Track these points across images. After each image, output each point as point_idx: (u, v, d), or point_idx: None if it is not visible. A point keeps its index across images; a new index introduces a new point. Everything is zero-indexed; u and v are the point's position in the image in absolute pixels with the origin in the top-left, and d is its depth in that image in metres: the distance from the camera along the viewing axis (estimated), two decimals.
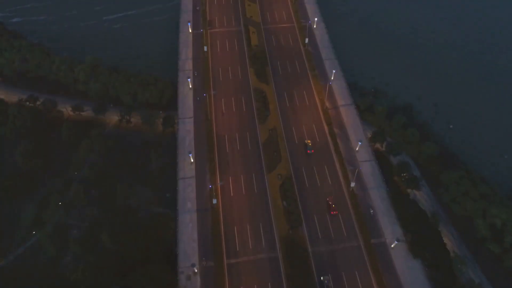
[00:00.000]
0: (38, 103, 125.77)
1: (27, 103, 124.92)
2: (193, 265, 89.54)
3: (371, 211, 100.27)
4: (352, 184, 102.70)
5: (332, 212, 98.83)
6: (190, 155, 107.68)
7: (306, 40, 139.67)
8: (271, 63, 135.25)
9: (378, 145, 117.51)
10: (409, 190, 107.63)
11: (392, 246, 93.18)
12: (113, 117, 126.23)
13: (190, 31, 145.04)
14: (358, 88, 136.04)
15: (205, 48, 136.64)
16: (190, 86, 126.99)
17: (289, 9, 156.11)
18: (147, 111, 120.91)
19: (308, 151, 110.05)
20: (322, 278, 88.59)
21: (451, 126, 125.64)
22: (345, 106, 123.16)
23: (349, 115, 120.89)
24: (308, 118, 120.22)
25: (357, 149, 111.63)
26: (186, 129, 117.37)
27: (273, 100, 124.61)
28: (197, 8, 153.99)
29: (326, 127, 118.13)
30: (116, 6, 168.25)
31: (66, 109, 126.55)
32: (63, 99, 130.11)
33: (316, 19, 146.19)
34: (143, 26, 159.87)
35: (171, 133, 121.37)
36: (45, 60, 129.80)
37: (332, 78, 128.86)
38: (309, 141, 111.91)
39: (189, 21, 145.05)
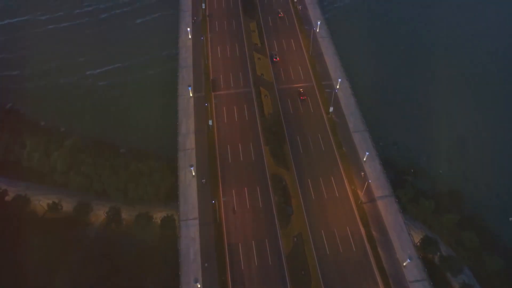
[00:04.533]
0: (7, 198, 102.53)
1: None
2: None
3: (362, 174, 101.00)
4: None
5: None
6: (198, 284, 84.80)
7: (331, 109, 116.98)
8: (289, 139, 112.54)
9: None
10: None
11: None
12: (99, 214, 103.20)
13: (191, 95, 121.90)
14: (393, 166, 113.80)
15: (210, 122, 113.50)
16: (193, 174, 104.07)
17: (306, 63, 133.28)
18: (141, 213, 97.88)
19: None
20: None
21: (511, 219, 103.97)
22: (383, 199, 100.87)
23: (389, 212, 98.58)
24: (340, 218, 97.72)
25: (404, 264, 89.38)
26: (190, 236, 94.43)
27: (296, 192, 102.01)
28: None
29: (363, 230, 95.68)
30: (102, 57, 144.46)
31: (41, 205, 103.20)
32: (39, 189, 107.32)
33: (339, 80, 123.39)
34: (133, 83, 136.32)
35: (172, 237, 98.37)
36: (15, 143, 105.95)
37: (364, 159, 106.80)
38: None
39: (189, 85, 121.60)
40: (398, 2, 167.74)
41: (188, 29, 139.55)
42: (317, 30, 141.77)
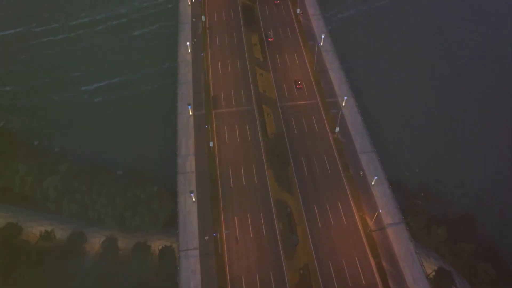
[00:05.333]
0: None
1: None
2: None
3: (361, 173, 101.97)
4: None
5: None
6: None
7: (337, 130, 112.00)
8: (293, 161, 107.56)
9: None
10: None
11: None
12: (94, 242, 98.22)
13: (191, 113, 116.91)
14: (403, 189, 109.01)
15: (211, 144, 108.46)
16: (194, 200, 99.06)
17: (310, 78, 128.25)
18: (139, 243, 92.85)
19: None
20: None
21: None
22: (393, 226, 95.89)
23: (399, 241, 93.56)
24: (348, 247, 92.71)
25: None
26: (191, 268, 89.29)
27: (301, 219, 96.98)
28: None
29: (372, 261, 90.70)
30: (98, 71, 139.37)
31: (34, 233, 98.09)
32: (31, 215, 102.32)
33: (345, 97, 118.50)
34: (130, 99, 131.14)
35: (171, 268, 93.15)
36: (6, 168, 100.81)
37: (373, 183, 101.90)
38: None
39: (189, 104, 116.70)
40: (405, 11, 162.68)
41: (188, 43, 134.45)
42: (321, 44, 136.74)
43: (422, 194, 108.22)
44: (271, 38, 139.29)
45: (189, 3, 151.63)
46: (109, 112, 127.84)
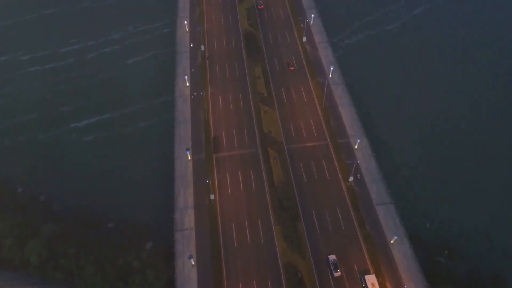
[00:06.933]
0: None
1: None
2: None
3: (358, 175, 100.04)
4: None
5: None
6: None
7: (351, 179, 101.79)
8: (303, 215, 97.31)
9: None
10: None
11: None
12: None
13: (189, 158, 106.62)
14: (424, 245, 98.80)
15: (212, 197, 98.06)
16: (193, 263, 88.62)
17: (318, 116, 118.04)
18: None
19: None
20: None
21: None
22: None
23: None
24: None
25: None
26: None
27: (314, 286, 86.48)
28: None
29: None
30: (88, 105, 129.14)
31: None
32: (12, 278, 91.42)
33: (358, 140, 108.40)
34: (123, 139, 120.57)
35: None
36: None
37: (392, 242, 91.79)
38: None
39: (187, 149, 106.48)
40: (415, 36, 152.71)
41: (186, 76, 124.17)
42: (330, 76, 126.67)
43: (446, 251, 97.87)
44: (261, 6, 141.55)
45: (186, 29, 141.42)
46: (99, 153, 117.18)
